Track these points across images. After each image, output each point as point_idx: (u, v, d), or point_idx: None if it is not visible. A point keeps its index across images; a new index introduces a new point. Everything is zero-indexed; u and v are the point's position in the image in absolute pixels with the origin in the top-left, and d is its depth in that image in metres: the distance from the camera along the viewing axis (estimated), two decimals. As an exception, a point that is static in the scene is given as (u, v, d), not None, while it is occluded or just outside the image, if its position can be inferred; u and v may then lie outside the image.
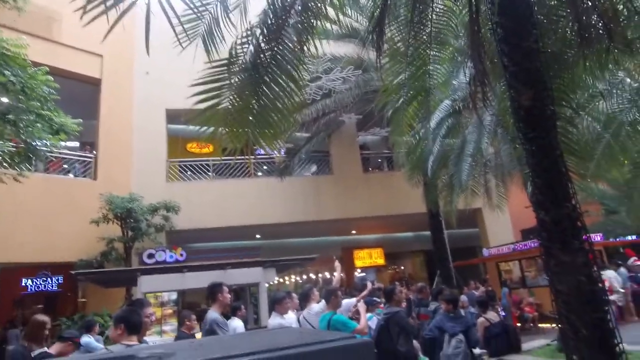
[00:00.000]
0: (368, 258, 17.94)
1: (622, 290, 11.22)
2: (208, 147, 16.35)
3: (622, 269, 12.25)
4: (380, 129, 12.22)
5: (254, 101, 4.06)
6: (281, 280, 19.19)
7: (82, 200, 11.00)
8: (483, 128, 5.22)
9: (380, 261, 18.33)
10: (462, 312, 11.03)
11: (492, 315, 6.89)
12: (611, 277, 11.23)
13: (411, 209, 13.77)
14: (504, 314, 11.46)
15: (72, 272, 8.86)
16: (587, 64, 3.16)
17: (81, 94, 12.51)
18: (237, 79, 4.03)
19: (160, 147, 13.25)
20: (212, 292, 4.72)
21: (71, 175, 12.36)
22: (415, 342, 7.28)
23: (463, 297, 12.10)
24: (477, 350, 6.39)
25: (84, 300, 12.17)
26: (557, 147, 2.29)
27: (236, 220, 12.84)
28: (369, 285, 7.72)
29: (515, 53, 2.62)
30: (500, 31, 2.79)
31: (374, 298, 7.53)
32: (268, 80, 4.06)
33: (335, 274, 6.56)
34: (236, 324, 5.71)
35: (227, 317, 5.54)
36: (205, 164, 14.15)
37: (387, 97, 5.04)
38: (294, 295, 6.01)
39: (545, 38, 3.26)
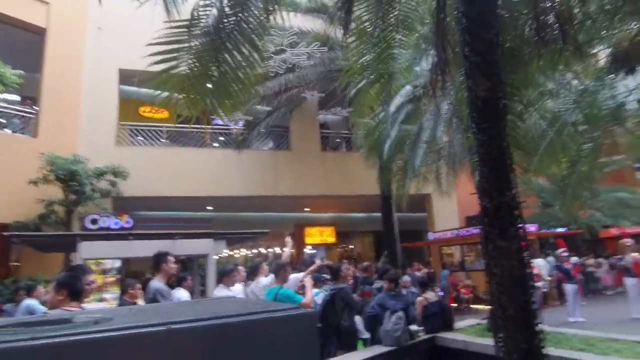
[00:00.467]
0: (319, 236, 18.22)
1: (549, 278, 12.20)
2: (162, 113, 15.67)
3: (550, 258, 13.30)
4: (342, 109, 12.27)
5: (214, 68, 3.91)
6: (231, 253, 19.11)
7: (19, 158, 10.25)
8: (440, 116, 5.37)
9: (331, 239, 18.70)
10: (404, 291, 11.57)
11: (430, 295, 7.26)
12: (540, 264, 12.18)
13: (365, 191, 14.08)
14: (442, 294, 12.16)
15: (6, 233, 8.32)
16: (541, 62, 3.33)
17: (25, 43, 11.49)
18: (197, 43, 3.85)
19: (110, 109, 12.54)
20: (157, 261, 4.62)
21: (8, 130, 11.45)
22: (358, 317, 7.57)
23: (406, 278, 12.67)
24: (414, 327, 6.74)
25: (17, 264, 11.50)
26: (505, 139, 2.42)
27: (188, 191, 12.54)
28: (318, 262, 7.88)
29: (477, 44, 2.69)
30: (465, 21, 2.85)
31: (322, 274, 7.70)
32: (230, 47, 3.91)
33: (285, 249, 6.62)
34: (181, 294, 5.64)
35: (172, 287, 5.45)
36: (159, 130, 13.60)
37: (350, 77, 5.03)
38: (242, 268, 6.01)
39: (505, 33, 3.38)
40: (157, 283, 4.47)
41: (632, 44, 3.18)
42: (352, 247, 22.37)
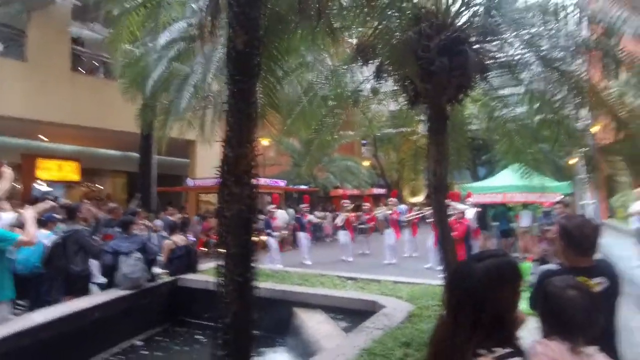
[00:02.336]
0: (57, 170, 15.38)
1: (286, 226, 14.19)
2: None
3: (291, 210, 15.41)
4: (103, 27, 10.44)
5: None
6: None
7: None
8: (211, 62, 5.28)
9: (74, 176, 16.12)
10: (154, 235, 11.27)
11: (179, 239, 7.35)
12: (281, 215, 14.09)
13: (122, 126, 12.66)
14: (193, 239, 12.46)
15: None
16: (303, 34, 3.69)
17: None
18: None
19: None
20: None
21: None
22: (95, 261, 6.96)
23: (157, 222, 12.37)
24: (156, 270, 6.72)
25: None
26: (254, 95, 2.61)
27: None
28: (50, 201, 6.79)
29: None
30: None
31: (53, 214, 6.68)
32: None
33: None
34: None
35: None
36: None
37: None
38: None
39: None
40: None
41: (368, 41, 3.91)
42: (101, 187, 20.02)
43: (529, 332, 1.54)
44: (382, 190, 27.40)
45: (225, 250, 2.45)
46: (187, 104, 5.99)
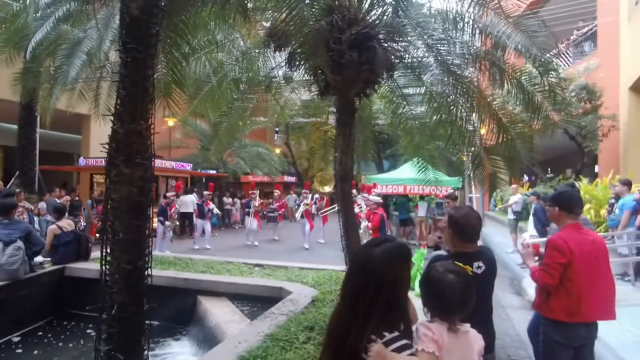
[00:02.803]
0: None
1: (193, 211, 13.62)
2: None
3: (191, 196, 14.74)
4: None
5: None
6: None
7: None
8: (108, 29, 4.74)
9: None
10: (36, 220, 10.03)
11: (66, 224, 6.61)
12: (187, 201, 13.56)
13: (-3, 93, 10.93)
14: (84, 224, 11.34)
15: None
16: (211, 9, 3.49)
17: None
18: None
19: None
20: None
21: None
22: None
23: (41, 204, 11.02)
24: (38, 258, 5.99)
25: None
26: (151, 67, 2.39)
27: None
28: None
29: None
30: None
31: None
32: None
33: None
34: None
35: None
36: None
37: None
38: None
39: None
40: None
41: (280, 27, 3.84)
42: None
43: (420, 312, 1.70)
44: (292, 178, 27.65)
45: (112, 236, 2.21)
46: (77, 72, 5.31)
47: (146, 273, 2.30)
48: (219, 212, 16.69)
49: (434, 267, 1.69)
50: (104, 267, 2.24)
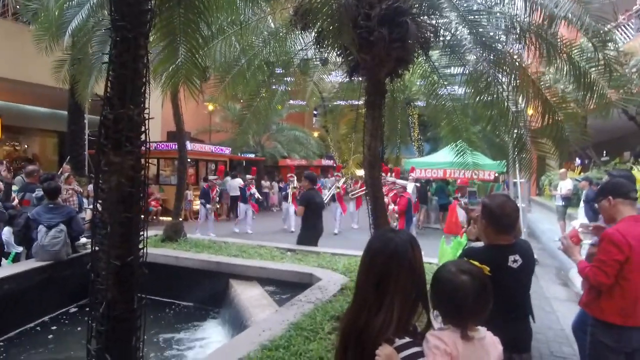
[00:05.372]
0: (-28, 127, 13.90)
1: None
2: None
3: (237, 180, 15.00)
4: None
5: None
6: None
7: None
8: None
9: (-7, 134, 14.67)
10: (85, 201, 10.52)
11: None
12: (235, 185, 13.80)
13: (48, 80, 11.46)
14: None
15: None
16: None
17: None
18: None
19: None
20: None
21: None
22: (8, 229, 6.36)
23: (90, 187, 11.57)
24: (82, 240, 6.24)
25: None
26: (144, 47, 2.27)
27: None
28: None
29: None
30: None
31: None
32: None
33: None
34: None
35: None
36: None
37: None
38: None
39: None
40: None
41: (306, 4, 3.62)
42: (26, 146, 18.40)
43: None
44: (330, 162, 27.53)
45: (101, 228, 2.14)
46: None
47: (139, 267, 2.21)
48: (260, 197, 16.90)
49: (446, 267, 1.51)
50: (94, 259, 2.17)
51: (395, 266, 1.35)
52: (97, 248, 2.21)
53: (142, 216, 2.26)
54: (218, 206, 14.22)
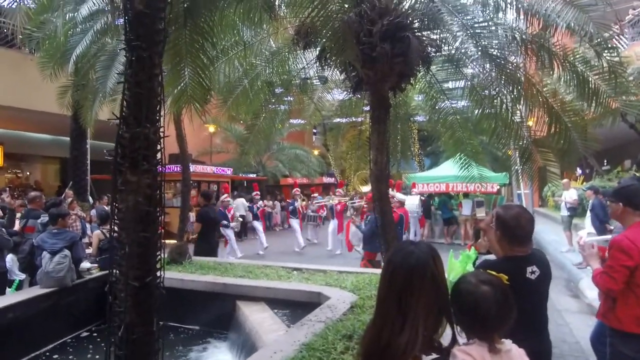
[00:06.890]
0: (-25, 155, 13.98)
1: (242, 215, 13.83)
2: None
3: (241, 199, 14.98)
4: (24, -4, 9.36)
5: None
6: None
7: None
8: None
9: (-5, 162, 14.74)
10: (89, 226, 10.47)
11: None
12: (239, 205, 13.73)
13: (50, 107, 11.57)
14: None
15: None
16: (240, 10, 3.41)
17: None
18: None
19: None
20: None
21: None
22: (12, 256, 6.31)
23: (93, 212, 11.53)
24: (86, 264, 6.18)
25: None
26: (159, 66, 2.29)
27: None
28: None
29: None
30: None
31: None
32: None
33: None
34: None
35: None
36: None
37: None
38: None
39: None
40: None
41: (308, 24, 3.68)
42: (28, 173, 18.45)
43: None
44: (331, 179, 27.54)
45: (119, 249, 2.12)
46: (116, 81, 5.43)
47: (157, 288, 2.17)
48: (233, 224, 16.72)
49: (465, 279, 1.47)
50: (111, 280, 2.14)
51: (418, 280, 1.29)
52: (115, 270, 2.16)
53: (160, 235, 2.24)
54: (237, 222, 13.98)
